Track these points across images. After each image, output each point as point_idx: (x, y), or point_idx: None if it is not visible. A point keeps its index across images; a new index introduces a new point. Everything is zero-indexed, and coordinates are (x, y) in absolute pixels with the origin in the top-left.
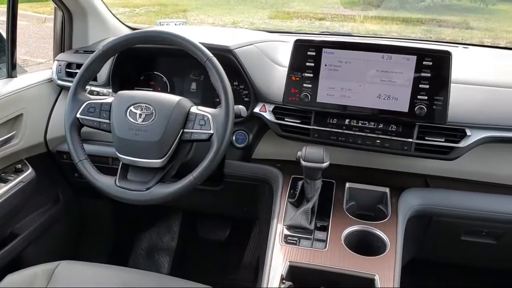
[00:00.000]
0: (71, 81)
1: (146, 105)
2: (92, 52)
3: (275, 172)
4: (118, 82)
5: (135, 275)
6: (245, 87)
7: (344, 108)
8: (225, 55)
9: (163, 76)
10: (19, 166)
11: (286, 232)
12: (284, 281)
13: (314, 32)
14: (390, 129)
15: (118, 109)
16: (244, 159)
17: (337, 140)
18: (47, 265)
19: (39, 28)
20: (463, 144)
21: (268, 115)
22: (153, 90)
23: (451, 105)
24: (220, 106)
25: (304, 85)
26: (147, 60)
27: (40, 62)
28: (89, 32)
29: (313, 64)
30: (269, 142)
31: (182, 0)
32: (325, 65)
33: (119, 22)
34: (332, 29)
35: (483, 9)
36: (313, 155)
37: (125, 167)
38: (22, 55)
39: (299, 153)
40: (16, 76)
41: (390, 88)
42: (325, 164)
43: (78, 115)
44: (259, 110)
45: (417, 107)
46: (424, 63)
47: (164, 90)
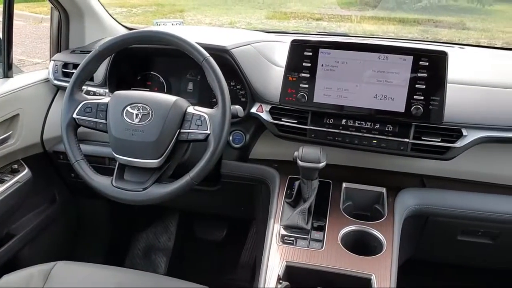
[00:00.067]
0: (68, 81)
1: (143, 105)
2: (89, 52)
3: (272, 172)
4: (115, 82)
5: (131, 275)
6: (242, 87)
7: (341, 108)
8: (222, 55)
9: (160, 76)
10: (16, 166)
11: (283, 232)
12: (281, 281)
13: (311, 32)
14: (386, 129)
15: (114, 109)
16: (241, 159)
17: (334, 140)
18: (43, 266)
19: (35, 28)
20: (459, 144)
21: (265, 115)
22: (150, 90)
23: (448, 105)
24: (216, 106)
25: (301, 85)
26: (144, 60)
27: (37, 62)
28: (86, 32)
29: (309, 64)
30: (266, 142)
31: (179, 0)
32: (322, 65)
33: (115, 22)
34: (329, 30)
35: (479, 10)
36: (310, 155)
37: (121, 167)
38: (19, 55)
39: (296, 153)
40: (12, 76)
41: (386, 88)
42: (322, 164)
43: (74, 115)
44: (256, 110)
45: (413, 107)
46: (421, 63)
47: (160, 90)
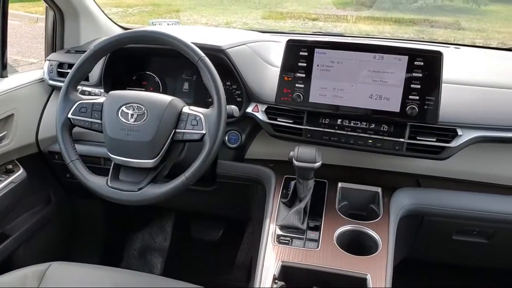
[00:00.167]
0: (63, 81)
1: (138, 105)
2: (84, 52)
3: (268, 172)
4: (110, 82)
5: (127, 276)
6: (238, 87)
7: (336, 108)
8: (217, 55)
9: (155, 76)
10: (10, 166)
11: (278, 232)
12: (276, 281)
13: (307, 33)
14: (382, 129)
15: (109, 109)
16: (237, 159)
17: (330, 140)
18: (38, 266)
19: (31, 28)
20: (454, 143)
21: (261, 115)
22: (145, 90)
23: (443, 105)
24: (212, 106)
25: (297, 85)
26: (139, 60)
27: (32, 62)
28: (81, 32)
29: (305, 64)
30: (261, 142)
31: (176, 0)
32: (317, 65)
33: (111, 22)
34: (325, 30)
35: (475, 10)
36: (306, 155)
37: (117, 167)
38: (14, 55)
39: (291, 153)
40: (7, 76)
41: (381, 88)
42: (318, 164)
43: (69, 115)
44: (252, 110)
45: (408, 107)
46: (416, 63)
47: (156, 90)
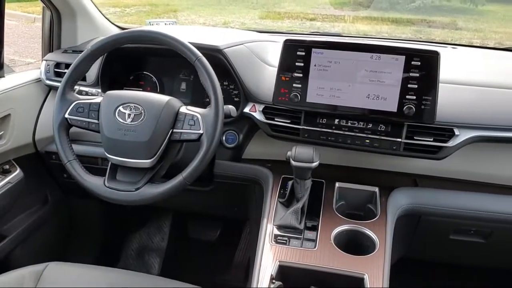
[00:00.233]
0: (60, 81)
1: (135, 105)
2: (81, 52)
3: (265, 172)
4: (107, 82)
5: (124, 276)
6: (235, 87)
7: (334, 108)
8: (215, 55)
9: (153, 76)
10: (7, 167)
11: (276, 232)
12: (273, 281)
13: (304, 33)
14: (379, 129)
15: (106, 109)
16: (234, 159)
17: (327, 140)
18: (35, 267)
19: (28, 28)
20: (451, 143)
21: (258, 115)
22: (143, 90)
23: (440, 104)
24: (209, 106)
25: (294, 85)
26: (137, 60)
27: (30, 62)
28: (78, 32)
29: (302, 64)
30: (259, 142)
31: (173, 0)
32: (315, 65)
33: (108, 22)
34: (323, 30)
35: (472, 10)
36: (303, 155)
37: (114, 167)
38: (11, 55)
39: (289, 153)
40: (3, 76)
41: (379, 88)
42: (315, 164)
43: (66, 115)
44: (249, 110)
45: (405, 107)
46: (413, 63)
47: (153, 90)
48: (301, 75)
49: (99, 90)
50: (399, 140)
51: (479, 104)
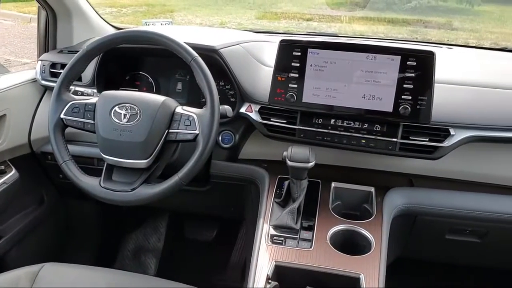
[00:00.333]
0: (55, 81)
1: (131, 105)
2: (77, 52)
3: (262, 172)
4: (103, 82)
5: (120, 277)
6: (231, 87)
7: (330, 108)
8: (211, 55)
9: (149, 76)
10: (2, 167)
11: (272, 232)
12: (270, 281)
13: (301, 33)
14: (375, 129)
15: (102, 109)
16: (231, 160)
17: (323, 140)
18: (31, 268)
19: (24, 28)
20: (447, 143)
21: (254, 115)
22: (139, 90)
23: (435, 104)
24: (205, 106)
25: (290, 85)
26: (133, 60)
27: (26, 63)
28: (74, 32)
29: (298, 64)
30: (255, 142)
31: (170, 0)
32: (311, 65)
33: (104, 22)
34: (320, 30)
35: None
36: (299, 155)
37: (109, 168)
38: (7, 55)
39: (285, 153)
40: None
41: (374, 88)
42: (311, 164)
43: (62, 116)
44: (245, 110)
45: (401, 107)
46: (408, 63)
47: (149, 90)
48: (297, 75)
49: (95, 90)
50: (395, 140)
51: (474, 104)
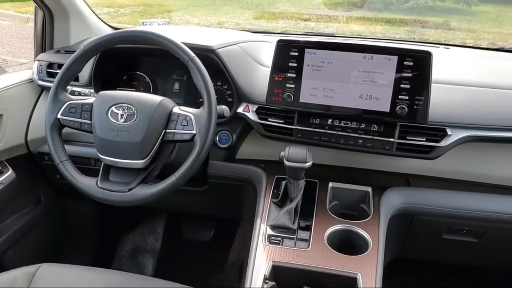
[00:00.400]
0: (52, 81)
1: (128, 105)
2: (74, 52)
3: (259, 172)
4: (100, 82)
5: (118, 277)
6: (228, 87)
7: (327, 108)
8: (208, 55)
9: (146, 76)
10: None
11: (269, 232)
12: (267, 281)
13: (298, 33)
14: (372, 129)
15: (99, 109)
16: (228, 160)
17: (320, 140)
18: (28, 268)
19: (21, 28)
20: (444, 143)
21: (252, 115)
22: (136, 90)
23: (432, 104)
24: (203, 106)
25: (287, 85)
26: (130, 60)
27: (23, 63)
28: (71, 32)
29: (296, 65)
30: (252, 142)
31: (168, 0)
32: (308, 65)
33: (101, 22)
34: (317, 30)
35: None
36: (296, 155)
37: (106, 168)
38: (4, 55)
39: (282, 153)
40: None
41: (371, 88)
42: (308, 164)
43: (59, 116)
44: (243, 110)
45: (398, 107)
46: (405, 63)
47: (146, 90)
48: (294, 75)
49: (92, 91)
50: (392, 140)
51: (471, 104)
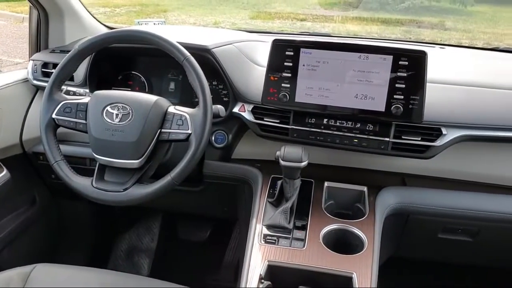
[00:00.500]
0: (47, 81)
1: (123, 105)
2: (69, 51)
3: (255, 172)
4: (95, 82)
5: (113, 277)
6: (224, 87)
7: (322, 108)
8: (203, 55)
9: (141, 76)
10: None
11: (265, 231)
12: (262, 280)
13: (294, 33)
14: (367, 128)
15: (94, 109)
16: (224, 159)
17: (316, 139)
18: (23, 268)
19: (17, 28)
20: (439, 142)
21: (247, 115)
22: (131, 90)
23: (427, 104)
24: (198, 106)
25: (283, 85)
26: (125, 59)
27: (18, 62)
28: (66, 31)
29: (291, 64)
30: (248, 142)
31: (164, 0)
32: (303, 65)
33: (96, 22)
34: (314, 30)
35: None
36: (292, 154)
37: (102, 168)
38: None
39: (278, 153)
40: None
41: (367, 88)
42: (304, 164)
43: (53, 116)
44: (238, 110)
45: (393, 106)
46: (400, 63)
47: (142, 90)
48: (289, 75)
49: (87, 90)
50: (387, 139)
51: (466, 103)
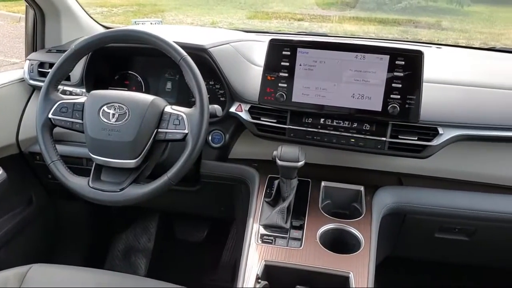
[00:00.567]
0: (44, 81)
1: (120, 105)
2: (66, 51)
3: (252, 171)
4: (92, 81)
5: (110, 277)
6: (221, 87)
7: (319, 108)
8: (200, 54)
9: (138, 76)
10: None
11: (262, 231)
12: (259, 280)
13: (291, 32)
14: (364, 128)
15: (90, 109)
16: (221, 159)
17: (313, 139)
18: (19, 269)
19: (13, 28)
20: (435, 142)
21: (244, 115)
22: (128, 90)
23: (424, 104)
24: (195, 106)
25: (280, 84)
26: (122, 59)
27: (15, 62)
28: (62, 31)
29: (288, 64)
30: (245, 142)
31: (161, 0)
32: (300, 65)
33: (93, 21)
34: (311, 30)
35: (458, 11)
36: (289, 154)
37: (98, 168)
38: None
39: (274, 153)
40: None
41: (363, 88)
42: (301, 163)
43: (50, 115)
44: (235, 110)
45: (390, 106)
46: (397, 62)
47: (139, 89)
48: (286, 74)
49: (84, 90)
50: (384, 139)
51: (463, 103)
